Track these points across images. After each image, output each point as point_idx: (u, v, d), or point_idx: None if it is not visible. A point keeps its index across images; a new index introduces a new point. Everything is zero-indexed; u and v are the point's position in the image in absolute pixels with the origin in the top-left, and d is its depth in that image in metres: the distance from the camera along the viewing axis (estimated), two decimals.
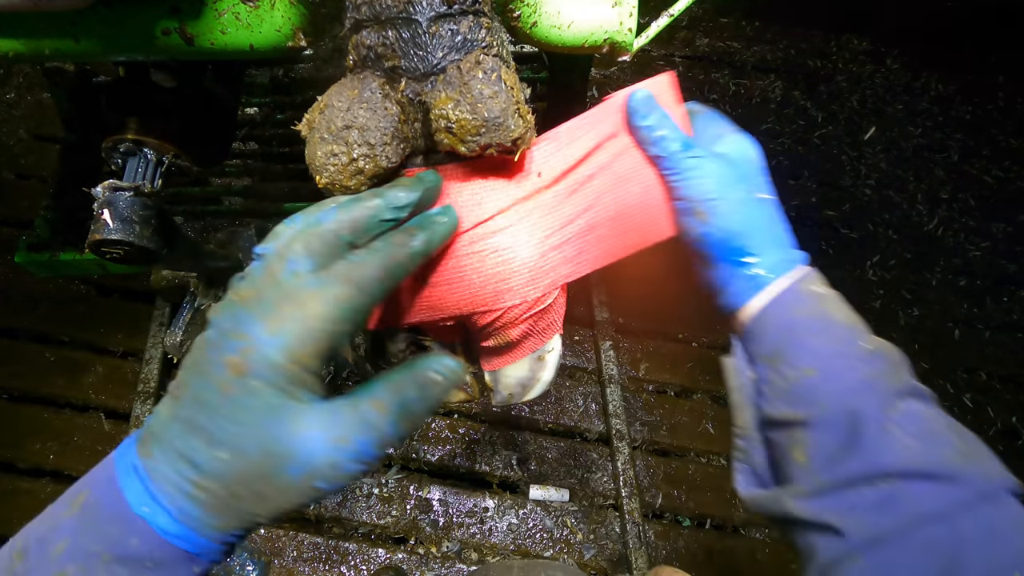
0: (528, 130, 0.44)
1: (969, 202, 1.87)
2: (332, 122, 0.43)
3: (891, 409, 0.42)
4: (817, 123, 1.94)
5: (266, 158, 1.55)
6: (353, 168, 0.43)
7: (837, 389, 0.44)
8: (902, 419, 0.42)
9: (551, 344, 0.53)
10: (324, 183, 0.44)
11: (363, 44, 0.45)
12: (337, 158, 0.43)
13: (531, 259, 0.48)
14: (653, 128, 0.50)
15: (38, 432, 1.48)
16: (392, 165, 0.44)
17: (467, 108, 0.42)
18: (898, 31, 2.06)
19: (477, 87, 0.42)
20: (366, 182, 0.44)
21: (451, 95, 0.43)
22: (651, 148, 0.50)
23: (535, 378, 0.53)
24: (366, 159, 0.43)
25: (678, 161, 0.50)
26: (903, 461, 0.40)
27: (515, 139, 0.43)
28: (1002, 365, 1.69)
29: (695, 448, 1.54)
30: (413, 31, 0.43)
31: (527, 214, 0.48)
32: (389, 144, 0.43)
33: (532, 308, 0.49)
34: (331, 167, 0.43)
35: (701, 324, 1.63)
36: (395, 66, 0.44)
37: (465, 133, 0.42)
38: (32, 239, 1.25)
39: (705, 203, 0.50)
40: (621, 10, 0.57)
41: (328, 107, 0.44)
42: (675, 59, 2.00)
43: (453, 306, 0.48)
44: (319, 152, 0.43)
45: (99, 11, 0.51)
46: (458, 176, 0.47)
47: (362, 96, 0.43)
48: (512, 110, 0.43)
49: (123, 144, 0.75)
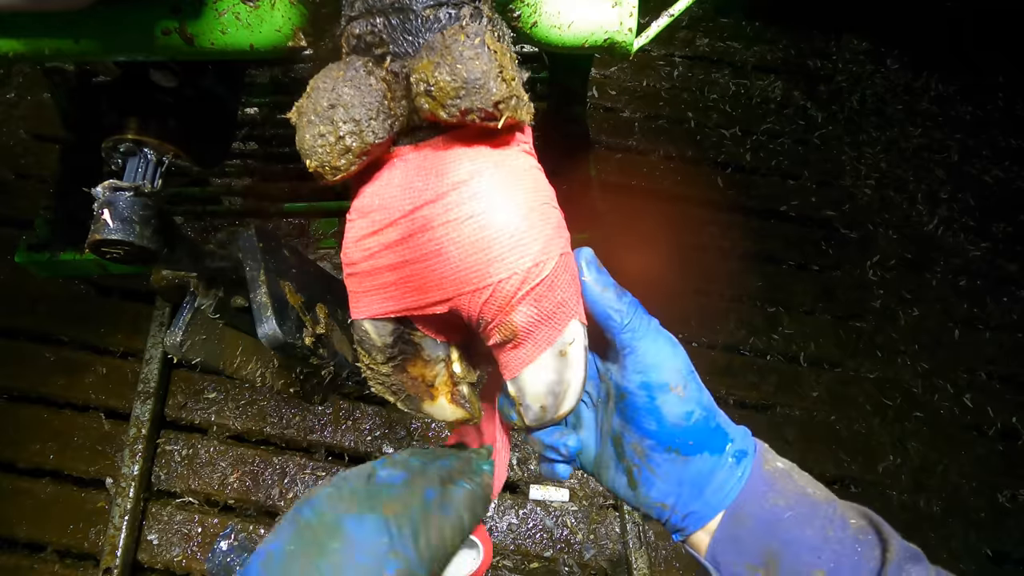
0: (513, 96, 0.41)
1: (969, 202, 1.87)
2: (318, 103, 0.42)
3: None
4: (817, 123, 1.94)
5: (266, 158, 1.55)
6: (341, 147, 0.42)
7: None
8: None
9: (570, 334, 0.46)
10: (314, 166, 0.43)
11: (352, 34, 0.44)
12: (324, 138, 0.42)
13: (510, 223, 0.43)
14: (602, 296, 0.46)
15: (38, 432, 1.48)
16: (380, 140, 0.43)
17: (446, 70, 0.40)
18: (898, 31, 2.06)
19: (458, 49, 0.40)
20: (355, 160, 0.43)
21: (432, 59, 0.41)
22: (608, 321, 0.47)
23: (563, 381, 0.46)
24: (352, 136, 0.42)
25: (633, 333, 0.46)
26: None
27: (496, 102, 0.41)
28: (1002, 365, 1.68)
29: None
30: (404, 17, 0.43)
31: (502, 179, 0.44)
32: (375, 119, 0.42)
33: (526, 282, 0.43)
34: (319, 149, 0.42)
35: (701, 324, 1.64)
36: (384, 53, 0.44)
37: (444, 96, 0.41)
38: (32, 239, 1.25)
39: (681, 377, 0.45)
40: (621, 10, 0.57)
41: (314, 90, 0.43)
42: (675, 59, 2.00)
43: (436, 286, 0.44)
44: (307, 135, 0.42)
45: (99, 11, 0.51)
46: (441, 147, 0.45)
47: (346, 76, 0.42)
48: (494, 72, 0.40)
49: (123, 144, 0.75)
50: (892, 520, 0.43)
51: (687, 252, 1.73)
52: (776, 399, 1.60)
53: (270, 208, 1.48)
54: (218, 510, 1.45)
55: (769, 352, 1.64)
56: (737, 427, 0.47)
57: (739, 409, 1.58)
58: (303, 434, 1.50)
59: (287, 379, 1.01)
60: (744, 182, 1.84)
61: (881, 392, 1.61)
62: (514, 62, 0.43)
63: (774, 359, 1.63)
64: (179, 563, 1.40)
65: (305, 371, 0.87)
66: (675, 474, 0.46)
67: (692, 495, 0.45)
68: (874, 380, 1.62)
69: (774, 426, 1.56)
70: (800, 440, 1.55)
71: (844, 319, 1.68)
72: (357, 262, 0.47)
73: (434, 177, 0.44)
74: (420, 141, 0.46)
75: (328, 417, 1.52)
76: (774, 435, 1.54)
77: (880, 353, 1.64)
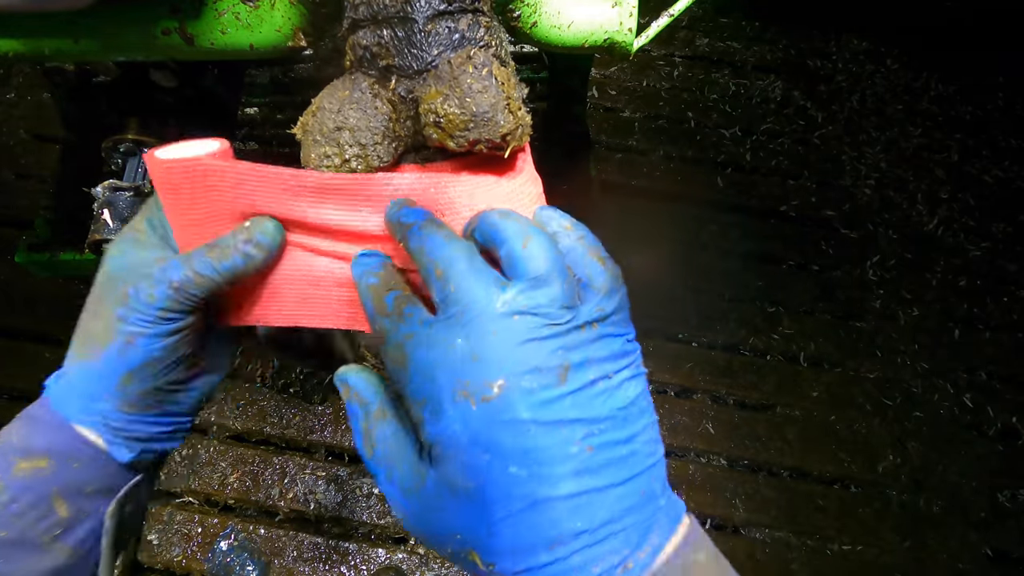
0: (519, 127, 0.43)
1: (969, 202, 1.87)
2: (324, 124, 0.43)
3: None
4: (817, 123, 1.94)
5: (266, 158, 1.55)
6: (346, 169, 0.43)
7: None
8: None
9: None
10: None
11: (359, 44, 0.45)
12: (330, 159, 0.43)
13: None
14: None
15: None
16: (384, 164, 0.44)
17: (455, 102, 0.42)
18: (898, 31, 2.06)
19: (466, 81, 0.42)
20: None
21: (440, 89, 0.42)
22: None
23: None
24: (358, 159, 0.43)
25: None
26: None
27: (504, 135, 0.42)
28: (1002, 365, 1.68)
29: (695, 448, 1.54)
30: (408, 29, 0.44)
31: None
32: (380, 143, 0.43)
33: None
34: (325, 169, 0.43)
35: (701, 324, 1.64)
36: (389, 65, 0.44)
37: (453, 128, 0.42)
38: (32, 239, 1.25)
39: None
40: (621, 10, 0.57)
41: (320, 109, 0.44)
42: (675, 59, 2.00)
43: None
44: (312, 155, 0.44)
45: (99, 11, 0.51)
46: (448, 171, 0.46)
47: (352, 97, 0.43)
48: (502, 105, 0.42)
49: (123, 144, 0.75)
50: (892, 520, 0.43)
51: (687, 252, 1.73)
52: (776, 399, 1.60)
53: None
54: (218, 510, 1.45)
55: (769, 352, 1.64)
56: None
57: (739, 409, 1.58)
58: (303, 434, 1.50)
59: (287, 379, 1.01)
60: (744, 182, 1.84)
61: (881, 392, 1.61)
62: (517, 86, 0.45)
63: (774, 359, 1.63)
64: (179, 563, 1.40)
65: (305, 371, 0.88)
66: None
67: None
68: (874, 380, 1.62)
69: (774, 426, 1.56)
70: (800, 440, 1.55)
71: (844, 319, 1.68)
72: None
73: (441, 206, 0.45)
74: (426, 161, 0.47)
75: (328, 417, 1.52)
76: (774, 435, 1.54)
77: (880, 353, 1.64)
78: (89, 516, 0.40)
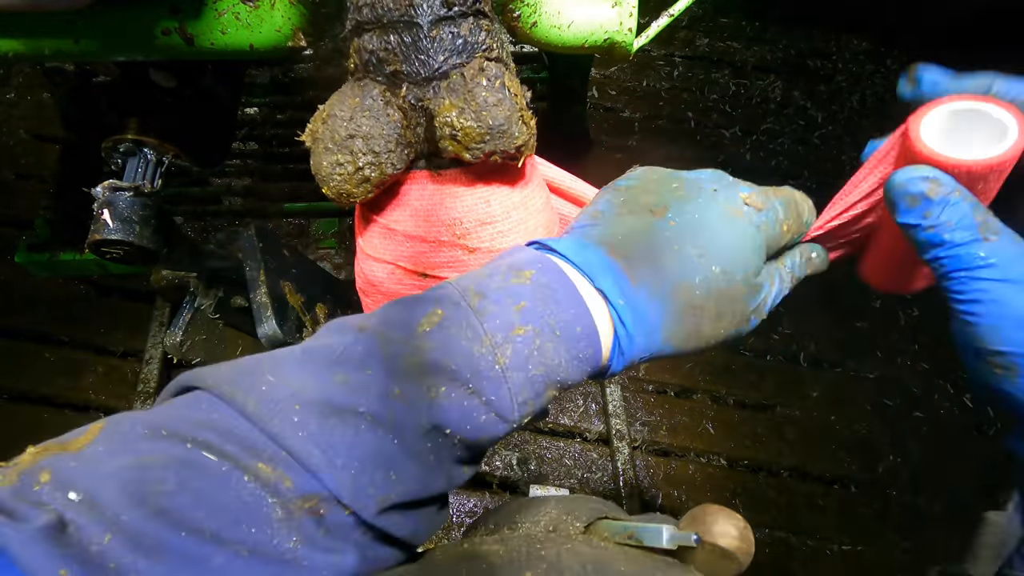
0: (531, 136, 0.45)
1: None
2: (336, 132, 0.43)
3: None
4: (817, 123, 1.94)
5: (266, 158, 1.55)
6: (359, 177, 0.43)
7: None
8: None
9: None
10: (331, 193, 0.45)
11: (365, 49, 0.45)
12: (343, 167, 0.43)
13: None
14: (930, 227, 0.40)
15: (38, 432, 1.47)
16: (397, 171, 0.45)
17: (472, 116, 0.42)
18: (898, 31, 2.06)
19: (481, 94, 0.42)
20: (372, 189, 0.44)
21: (455, 102, 0.43)
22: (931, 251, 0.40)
23: None
24: (372, 167, 0.43)
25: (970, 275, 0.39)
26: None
27: (519, 146, 0.44)
28: None
29: (695, 448, 1.53)
30: (415, 35, 0.44)
31: (518, 220, 0.48)
32: (393, 151, 0.44)
33: None
34: (337, 177, 0.43)
35: None
36: (396, 71, 0.45)
37: (470, 141, 0.43)
38: (32, 239, 1.25)
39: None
40: (621, 10, 0.57)
41: (331, 117, 0.44)
42: (675, 59, 2.00)
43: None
44: (324, 163, 0.44)
45: (99, 11, 0.51)
46: (462, 180, 0.47)
47: (364, 104, 0.44)
48: (516, 117, 0.43)
49: (123, 144, 0.76)
50: (892, 520, 0.43)
51: None
52: (776, 399, 1.60)
53: (270, 208, 1.48)
54: None
55: (769, 352, 1.64)
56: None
57: (739, 409, 1.58)
58: None
59: None
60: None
61: (881, 392, 1.61)
62: (523, 94, 0.46)
63: (774, 359, 1.63)
64: None
65: None
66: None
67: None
68: (874, 380, 1.62)
69: (774, 426, 1.56)
70: (800, 440, 1.55)
71: (844, 319, 1.68)
72: (372, 285, 0.50)
73: (465, 211, 0.47)
74: (438, 168, 0.47)
75: None
76: (774, 435, 1.54)
77: (880, 353, 1.64)
78: None
